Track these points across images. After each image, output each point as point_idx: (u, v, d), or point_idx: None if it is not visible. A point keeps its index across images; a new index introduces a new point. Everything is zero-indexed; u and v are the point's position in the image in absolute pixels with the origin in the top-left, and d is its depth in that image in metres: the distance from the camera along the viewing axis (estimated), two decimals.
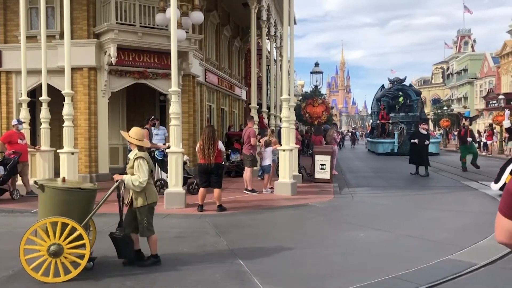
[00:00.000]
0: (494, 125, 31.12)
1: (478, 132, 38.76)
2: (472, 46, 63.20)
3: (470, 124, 19.36)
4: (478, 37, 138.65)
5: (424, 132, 16.85)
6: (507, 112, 12.96)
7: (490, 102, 39.62)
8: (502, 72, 44.12)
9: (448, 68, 64.21)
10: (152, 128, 12.11)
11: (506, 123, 12.63)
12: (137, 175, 5.18)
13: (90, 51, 13.31)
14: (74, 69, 13.37)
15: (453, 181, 14.44)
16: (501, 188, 10.28)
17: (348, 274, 5.13)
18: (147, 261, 5.43)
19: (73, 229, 4.87)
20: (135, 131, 5.49)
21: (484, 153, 28.49)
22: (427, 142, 16.27)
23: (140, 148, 5.42)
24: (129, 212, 5.45)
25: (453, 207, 9.86)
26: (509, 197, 1.70)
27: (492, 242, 6.54)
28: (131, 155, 5.42)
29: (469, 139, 17.73)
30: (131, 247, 5.34)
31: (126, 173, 5.39)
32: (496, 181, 10.56)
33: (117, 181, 5.31)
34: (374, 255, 5.99)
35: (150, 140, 11.40)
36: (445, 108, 49.54)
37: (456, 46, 64.61)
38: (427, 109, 54.63)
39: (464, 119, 19.99)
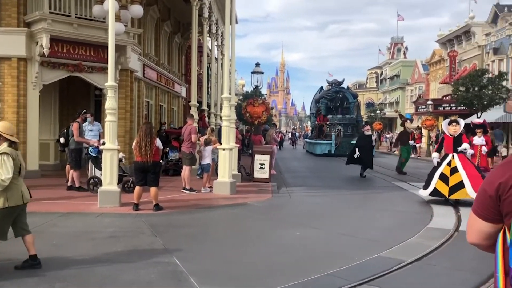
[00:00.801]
0: (422, 129, 32.79)
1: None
2: (404, 53, 66.37)
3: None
4: (410, 44, 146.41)
5: (369, 133, 17.23)
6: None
7: (420, 107, 41.85)
8: (431, 79, 46.74)
9: (381, 73, 67.00)
10: (86, 123, 11.63)
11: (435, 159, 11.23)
12: None
13: (20, 41, 12.54)
14: (1, 59, 12.58)
15: (384, 182, 15.09)
16: (431, 194, 10.20)
17: (285, 272, 5.20)
18: (25, 263, 5.01)
19: None
20: (5, 125, 5.09)
21: (413, 155, 30.01)
22: (372, 138, 16.66)
23: (12, 144, 5.00)
24: None
25: (384, 206, 10.30)
26: (484, 198, 1.65)
27: (418, 240, 6.91)
28: None
29: (411, 142, 18.09)
30: None
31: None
32: (425, 187, 10.46)
33: None
34: (310, 253, 6.13)
35: (81, 134, 10.92)
36: (378, 111, 51.66)
37: (390, 53, 67.58)
38: (362, 112, 56.75)
39: (409, 120, 19.90)
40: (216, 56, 24.48)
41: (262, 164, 13.71)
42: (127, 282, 4.71)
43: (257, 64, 19.32)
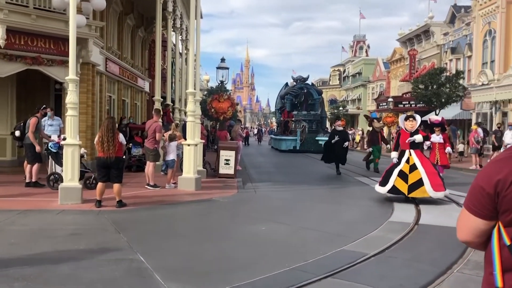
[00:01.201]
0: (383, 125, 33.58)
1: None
2: (366, 51, 67.65)
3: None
4: (371, 43, 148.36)
5: (340, 128, 16.71)
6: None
7: (381, 104, 42.84)
8: (392, 77, 47.91)
9: (344, 71, 68.16)
10: (46, 118, 11.27)
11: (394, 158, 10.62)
12: None
13: None
14: None
15: (347, 177, 15.37)
16: (390, 191, 10.00)
17: (250, 267, 5.22)
18: None
19: None
20: None
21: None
22: (346, 144, 15.85)
23: None
24: None
25: (347, 201, 10.50)
26: (481, 195, 1.58)
27: (380, 233, 7.10)
28: None
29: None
30: None
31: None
32: (383, 184, 10.17)
33: None
34: (275, 247, 6.17)
35: (38, 130, 10.57)
36: (340, 108, 52.53)
37: (352, 51, 68.76)
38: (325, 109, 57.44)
39: (375, 120, 18.11)
40: (181, 51, 24.21)
41: (227, 160, 13.69)
42: (90, 280, 4.61)
43: (223, 60, 19.24)
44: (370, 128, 18.26)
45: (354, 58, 64.96)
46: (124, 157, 9.03)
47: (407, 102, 36.64)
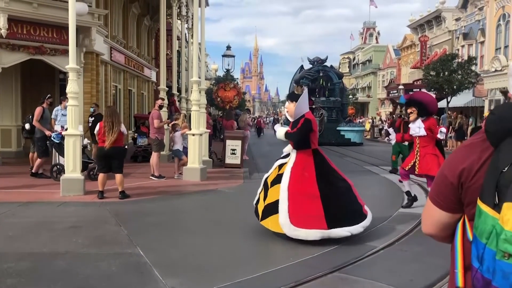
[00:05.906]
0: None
1: (381, 120, 41.17)
2: (376, 38, 66.66)
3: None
4: (382, 30, 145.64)
5: None
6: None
7: (391, 92, 42.27)
8: (402, 64, 47.18)
9: (354, 58, 67.31)
10: (59, 108, 11.10)
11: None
12: None
13: None
14: None
15: (356, 166, 15.08)
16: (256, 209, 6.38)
17: (253, 262, 5.03)
18: None
19: None
20: None
21: (385, 140, 30.17)
22: None
23: None
24: None
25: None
26: (444, 185, 1.43)
27: (390, 224, 6.84)
28: None
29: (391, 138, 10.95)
30: None
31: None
32: None
33: None
34: (279, 240, 5.93)
35: (42, 119, 10.43)
36: (350, 96, 51.93)
37: (362, 38, 67.79)
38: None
39: (399, 106, 14.04)
40: (187, 39, 23.92)
41: (233, 150, 13.46)
42: (85, 276, 4.42)
43: (228, 47, 18.92)
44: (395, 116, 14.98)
45: (364, 45, 64.06)
46: (126, 147, 8.82)
47: (418, 90, 36.01)
